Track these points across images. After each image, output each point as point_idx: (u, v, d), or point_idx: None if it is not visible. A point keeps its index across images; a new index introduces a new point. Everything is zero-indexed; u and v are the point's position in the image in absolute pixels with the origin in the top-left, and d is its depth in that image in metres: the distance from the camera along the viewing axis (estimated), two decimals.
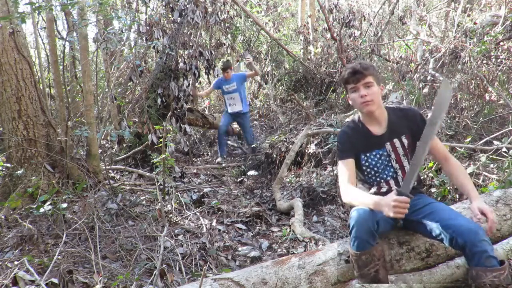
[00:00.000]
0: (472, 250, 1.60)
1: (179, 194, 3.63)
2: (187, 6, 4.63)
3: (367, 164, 2.01)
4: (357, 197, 1.87)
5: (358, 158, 2.01)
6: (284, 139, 4.93)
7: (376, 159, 2.00)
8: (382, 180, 2.01)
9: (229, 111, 5.58)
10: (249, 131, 5.71)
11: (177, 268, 2.43)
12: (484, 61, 4.85)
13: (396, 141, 1.97)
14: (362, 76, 1.89)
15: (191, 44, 5.10)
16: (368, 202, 1.79)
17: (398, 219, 1.74)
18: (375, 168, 2.00)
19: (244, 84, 5.78)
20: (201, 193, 3.85)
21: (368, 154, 2.00)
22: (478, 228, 1.65)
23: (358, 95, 1.91)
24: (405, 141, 1.97)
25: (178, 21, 4.74)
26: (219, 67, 5.61)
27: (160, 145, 3.59)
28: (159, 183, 3.50)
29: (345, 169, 1.98)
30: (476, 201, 1.77)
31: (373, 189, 2.01)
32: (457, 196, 3.10)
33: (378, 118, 1.96)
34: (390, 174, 2.00)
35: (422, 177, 3.31)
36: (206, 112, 6.55)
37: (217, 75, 5.52)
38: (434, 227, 1.76)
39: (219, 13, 5.30)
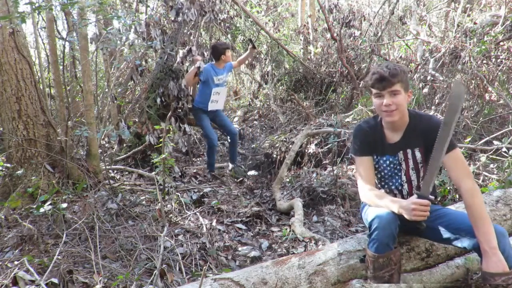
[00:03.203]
0: None
1: (179, 194, 3.63)
2: (183, 3, 4.62)
3: (377, 166, 1.98)
4: (377, 200, 1.83)
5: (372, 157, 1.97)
6: (284, 139, 4.93)
7: (385, 165, 1.95)
8: (388, 189, 1.98)
9: (209, 108, 4.52)
10: (229, 121, 4.87)
11: (177, 268, 2.43)
12: (484, 61, 4.86)
13: (409, 151, 1.88)
14: (390, 83, 1.74)
15: (191, 44, 5.09)
16: (390, 205, 1.75)
17: (420, 222, 1.70)
18: (382, 173, 1.98)
19: None
20: (201, 193, 3.85)
21: (379, 157, 1.95)
22: (495, 228, 1.63)
23: (382, 103, 1.78)
24: (417, 154, 1.87)
25: (178, 20, 4.74)
26: (219, 49, 4.46)
27: (160, 145, 3.59)
28: (159, 183, 3.50)
29: (362, 167, 1.94)
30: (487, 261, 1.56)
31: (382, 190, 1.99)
32: (457, 196, 3.10)
33: (398, 125, 1.87)
34: (396, 185, 1.95)
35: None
36: None
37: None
38: (445, 230, 1.74)
39: (214, 10, 5.23)
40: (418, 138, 1.84)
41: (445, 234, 1.75)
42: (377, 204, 1.82)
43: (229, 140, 4.75)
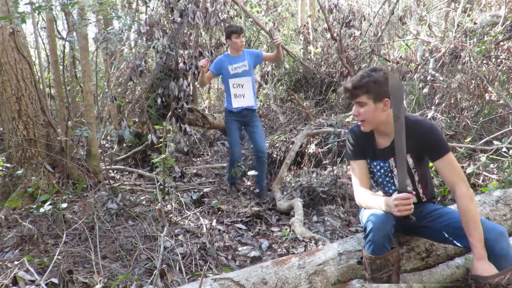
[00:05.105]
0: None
1: (179, 194, 3.63)
2: (188, 6, 4.61)
3: (370, 170, 1.98)
4: (369, 201, 1.84)
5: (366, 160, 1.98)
6: (284, 139, 4.93)
7: (376, 170, 1.95)
8: (385, 194, 1.96)
9: (234, 106, 3.84)
10: (262, 136, 3.98)
11: (177, 268, 2.43)
12: (484, 61, 4.85)
13: None
14: (353, 95, 1.78)
15: (191, 44, 5.09)
16: (381, 205, 1.76)
17: (409, 216, 1.70)
18: (375, 178, 1.97)
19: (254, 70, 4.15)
20: (201, 193, 3.85)
21: (371, 162, 1.95)
22: (495, 227, 1.64)
23: (353, 112, 1.84)
24: (409, 159, 1.84)
25: (179, 21, 4.74)
26: (225, 33, 3.91)
27: (160, 145, 3.59)
28: (159, 183, 3.50)
29: (356, 171, 1.95)
30: (476, 263, 1.59)
31: (381, 192, 1.99)
32: None
33: (384, 131, 1.86)
34: (391, 191, 1.93)
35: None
36: (206, 112, 6.54)
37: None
38: (445, 230, 1.74)
39: (219, 13, 5.22)
40: (408, 143, 1.79)
41: (445, 233, 1.75)
42: (369, 205, 1.83)
43: (255, 158, 4.05)
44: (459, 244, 1.72)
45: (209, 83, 4.51)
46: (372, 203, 1.82)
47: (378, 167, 1.93)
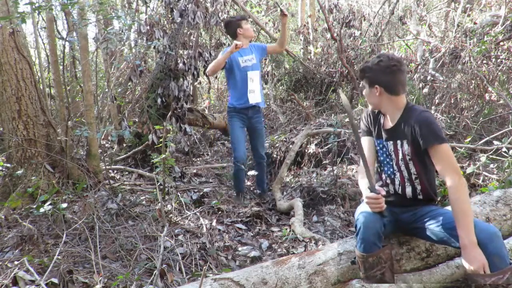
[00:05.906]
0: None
1: (179, 194, 3.63)
2: (188, 6, 4.61)
3: (375, 148, 2.05)
4: (361, 186, 1.96)
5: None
6: (284, 139, 4.93)
7: (379, 148, 2.01)
8: (385, 174, 2.01)
9: (250, 101, 3.60)
10: (263, 144, 3.87)
11: (177, 268, 2.43)
12: (484, 61, 4.85)
13: (399, 142, 1.90)
14: (359, 77, 1.98)
15: (190, 44, 5.08)
16: (363, 194, 1.89)
17: (381, 213, 1.77)
18: (378, 155, 2.03)
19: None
20: (201, 193, 3.85)
21: (376, 139, 2.02)
22: (488, 227, 1.64)
23: None
24: (405, 146, 1.87)
25: (178, 21, 4.73)
26: (233, 25, 3.62)
27: (160, 145, 3.59)
28: (159, 183, 3.50)
29: (363, 148, 2.05)
30: (464, 252, 1.59)
31: (380, 183, 2.04)
32: None
33: (387, 115, 1.96)
34: (389, 173, 1.99)
35: None
36: (206, 112, 6.54)
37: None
38: (441, 230, 1.75)
39: (220, 13, 5.21)
40: (407, 131, 1.86)
41: (440, 234, 1.75)
42: (361, 191, 1.97)
43: (254, 162, 3.95)
44: (453, 245, 1.72)
45: (213, 75, 4.27)
46: (362, 189, 1.94)
47: (381, 145, 1.99)
